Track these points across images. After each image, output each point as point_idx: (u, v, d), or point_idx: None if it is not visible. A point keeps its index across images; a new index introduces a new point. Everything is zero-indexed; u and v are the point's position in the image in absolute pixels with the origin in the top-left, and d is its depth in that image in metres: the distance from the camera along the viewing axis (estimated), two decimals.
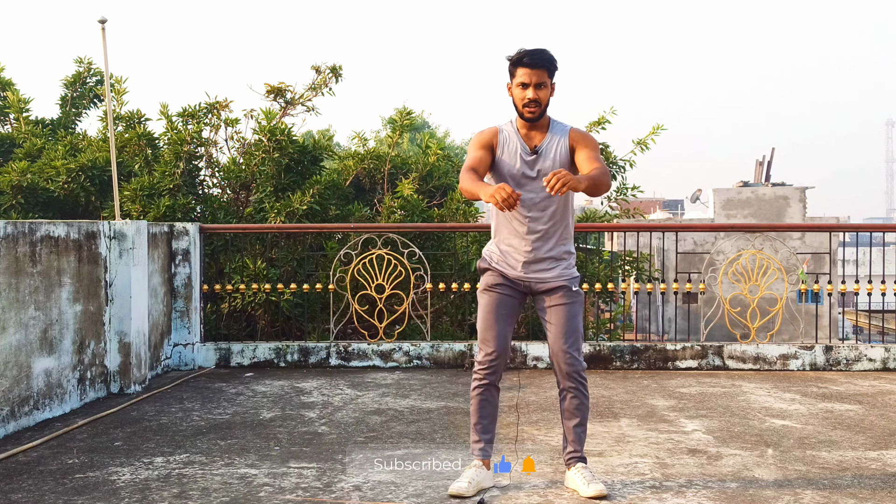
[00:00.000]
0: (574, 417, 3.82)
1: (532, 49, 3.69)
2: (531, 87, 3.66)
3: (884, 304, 17.83)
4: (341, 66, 9.79)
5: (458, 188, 3.77)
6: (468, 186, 3.58)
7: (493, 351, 3.77)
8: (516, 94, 3.72)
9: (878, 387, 6.42)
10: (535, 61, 3.65)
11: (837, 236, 18.00)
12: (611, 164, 9.93)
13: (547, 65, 3.67)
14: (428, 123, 35.35)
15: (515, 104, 3.75)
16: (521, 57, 3.67)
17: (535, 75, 3.65)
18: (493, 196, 3.37)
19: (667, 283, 8.04)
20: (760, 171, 26.04)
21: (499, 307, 3.82)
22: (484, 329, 3.81)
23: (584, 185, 3.44)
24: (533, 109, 3.69)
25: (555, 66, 3.70)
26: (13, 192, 9.05)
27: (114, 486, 3.91)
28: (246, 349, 7.36)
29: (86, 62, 11.07)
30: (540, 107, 3.69)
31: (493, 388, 3.83)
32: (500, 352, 3.78)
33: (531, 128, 3.77)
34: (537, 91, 3.67)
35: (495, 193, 3.36)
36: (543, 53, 3.68)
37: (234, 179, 9.15)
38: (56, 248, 5.40)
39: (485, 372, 3.79)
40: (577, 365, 3.76)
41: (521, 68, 3.66)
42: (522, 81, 3.67)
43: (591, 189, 3.50)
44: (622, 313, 9.64)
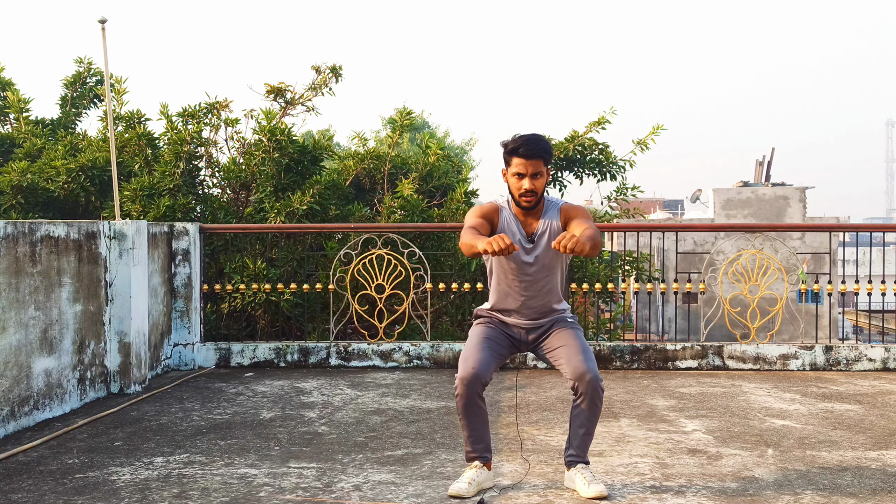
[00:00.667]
0: (584, 426, 3.78)
1: (527, 138, 3.72)
2: (527, 178, 3.72)
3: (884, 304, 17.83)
4: (341, 66, 9.80)
5: (459, 244, 3.79)
6: (468, 240, 3.62)
7: (471, 370, 3.65)
8: (512, 182, 3.77)
9: (878, 387, 6.42)
10: (531, 152, 3.69)
11: (837, 236, 18.01)
12: (611, 163, 9.93)
13: (543, 154, 3.72)
14: (428, 123, 35.34)
15: (511, 192, 3.81)
16: (516, 147, 3.71)
17: (531, 165, 3.70)
18: (490, 243, 3.41)
19: (667, 283, 8.04)
20: (760, 171, 26.05)
21: (488, 338, 3.84)
22: (467, 352, 3.76)
23: (588, 246, 3.47)
24: (529, 199, 3.75)
25: (550, 154, 3.76)
26: (13, 192, 9.05)
27: (114, 486, 3.91)
28: (246, 349, 7.36)
29: (86, 62, 11.07)
30: (536, 196, 3.75)
31: (476, 397, 3.71)
32: (480, 371, 3.66)
33: (527, 214, 3.84)
34: (533, 181, 3.72)
35: (492, 241, 3.41)
36: (539, 143, 3.71)
37: (234, 179, 9.15)
38: (56, 248, 5.40)
39: (463, 388, 3.67)
40: (599, 381, 3.71)
41: (517, 158, 3.71)
42: (518, 171, 3.72)
43: (592, 249, 3.55)
44: (622, 313, 9.64)
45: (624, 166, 10.02)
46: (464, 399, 3.69)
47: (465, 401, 3.69)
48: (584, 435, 3.80)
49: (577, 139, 9.81)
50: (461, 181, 9.92)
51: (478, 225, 3.75)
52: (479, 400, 3.72)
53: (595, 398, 3.70)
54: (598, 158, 9.89)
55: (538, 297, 3.85)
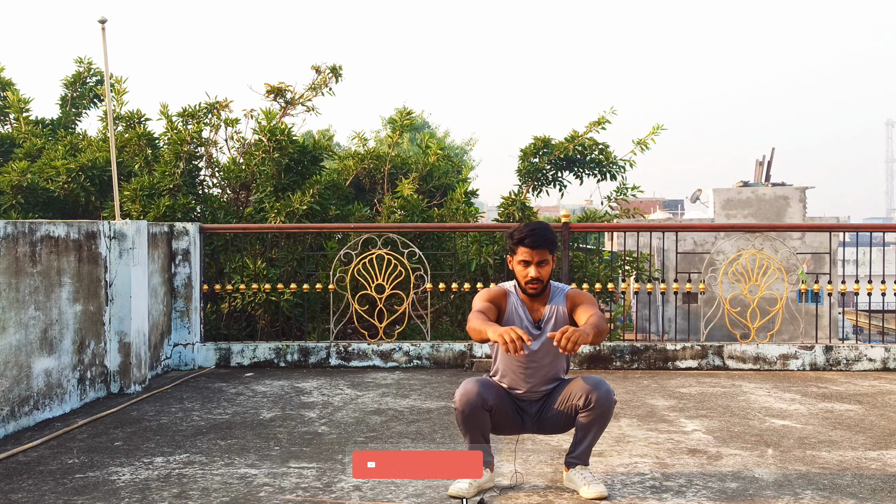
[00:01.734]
0: (591, 429, 3.80)
1: (533, 228, 3.77)
2: (533, 266, 3.77)
3: (884, 304, 17.82)
4: (341, 66, 9.81)
5: (467, 328, 3.80)
6: (477, 325, 3.63)
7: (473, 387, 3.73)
8: (518, 270, 3.83)
9: (878, 387, 6.42)
10: (537, 242, 3.75)
11: (837, 236, 18.00)
12: (611, 163, 9.93)
13: (548, 245, 3.77)
14: (428, 123, 35.33)
15: (518, 280, 3.86)
16: (522, 237, 3.76)
17: (538, 254, 3.76)
18: (501, 336, 3.42)
19: (667, 283, 8.04)
20: (760, 171, 26.04)
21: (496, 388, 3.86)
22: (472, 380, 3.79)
23: (591, 336, 3.50)
24: (535, 286, 3.80)
25: (555, 245, 3.83)
26: (13, 192, 9.05)
27: (114, 486, 3.91)
28: (246, 349, 7.35)
29: (86, 62, 11.07)
30: (542, 284, 3.81)
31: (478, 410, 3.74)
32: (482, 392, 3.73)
33: (534, 300, 3.88)
34: (539, 269, 3.78)
35: (504, 334, 3.41)
36: (545, 234, 3.77)
37: (234, 179, 9.15)
38: (56, 248, 5.40)
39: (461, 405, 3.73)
40: (612, 393, 3.78)
41: (523, 247, 3.77)
42: (524, 259, 3.78)
43: (596, 337, 3.57)
44: (622, 313, 9.64)
45: (624, 166, 10.02)
46: (464, 415, 3.74)
47: (466, 416, 3.74)
48: (589, 441, 3.83)
49: (577, 139, 9.81)
50: (461, 181, 9.93)
51: (486, 309, 3.78)
52: (482, 412, 3.74)
53: (607, 408, 3.74)
54: (598, 158, 9.89)
55: (543, 381, 3.90)
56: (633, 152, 10.05)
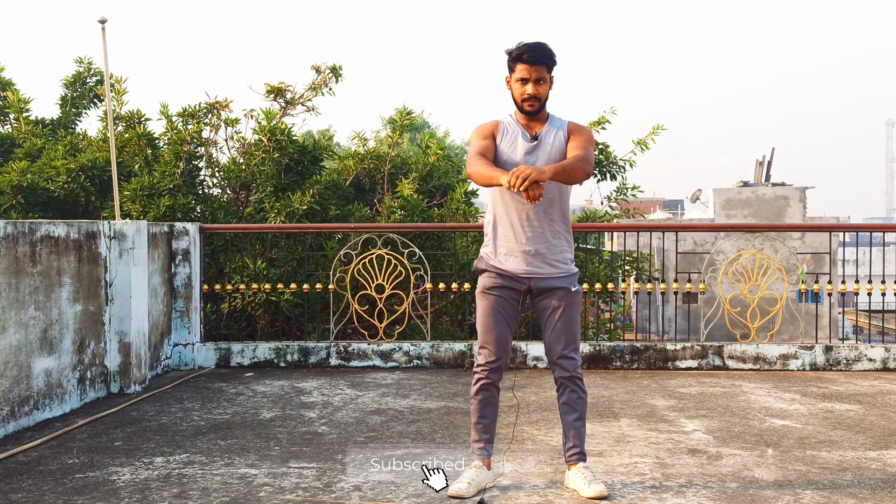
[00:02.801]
0: (573, 411, 3.82)
1: (531, 44, 3.70)
2: (531, 83, 3.70)
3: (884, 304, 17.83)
4: (341, 66, 9.80)
5: (468, 174, 3.74)
6: (483, 170, 3.57)
7: (493, 354, 3.79)
8: (516, 88, 3.76)
9: (878, 387, 6.42)
10: (535, 58, 3.67)
11: (837, 236, 18.00)
12: (611, 163, 9.92)
13: (546, 60, 3.69)
14: (428, 123, 35.34)
15: (515, 98, 3.78)
16: (520, 52, 3.69)
17: (535, 71, 3.69)
18: (510, 179, 3.36)
19: (667, 283, 8.04)
20: (760, 171, 26.04)
21: (498, 310, 3.81)
22: (484, 332, 3.81)
23: (549, 174, 3.44)
24: (532, 104, 3.73)
25: (554, 61, 3.72)
26: (13, 192, 9.05)
27: (114, 486, 3.91)
28: (246, 349, 7.35)
29: (86, 62, 11.06)
30: (539, 101, 3.73)
31: (494, 387, 3.84)
32: (501, 354, 3.79)
33: (530, 120, 3.81)
34: (537, 86, 3.70)
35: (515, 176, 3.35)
36: (543, 49, 3.69)
37: (234, 179, 9.15)
38: (56, 248, 5.40)
39: (485, 373, 3.81)
40: (574, 366, 3.80)
41: (521, 64, 3.69)
42: (522, 77, 3.71)
43: (563, 176, 3.53)
44: (622, 313, 9.64)
45: (624, 166, 10.02)
46: (481, 385, 3.80)
47: (484, 389, 3.80)
48: (575, 421, 3.82)
49: None
50: (461, 181, 9.92)
51: (484, 149, 3.71)
52: (496, 390, 3.82)
53: (574, 386, 3.80)
54: (598, 158, 9.88)
55: (541, 222, 3.76)
56: (633, 152, 10.05)
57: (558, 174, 3.51)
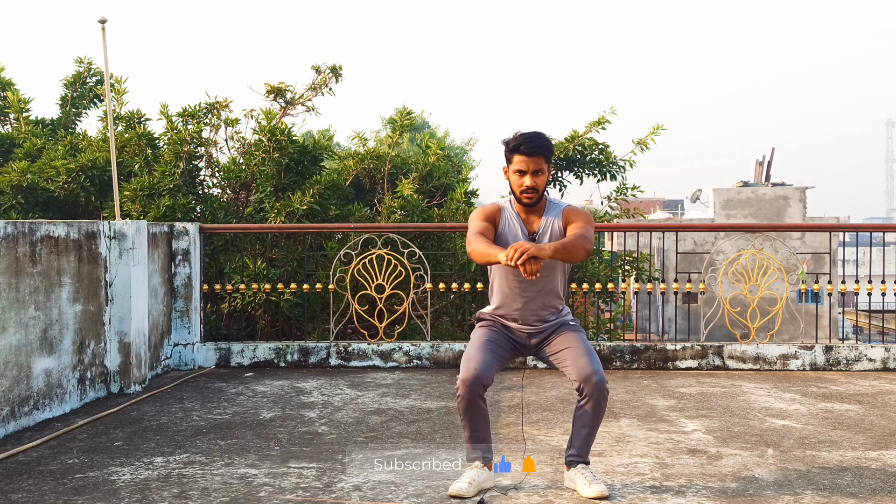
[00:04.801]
0: (587, 426, 3.77)
1: (528, 136, 3.74)
2: (528, 175, 3.74)
3: (884, 304, 17.83)
4: (341, 66, 9.80)
5: (467, 252, 3.77)
6: (482, 248, 3.61)
7: (473, 371, 3.64)
8: (513, 180, 3.79)
9: (878, 387, 6.42)
10: (532, 149, 3.71)
11: (837, 236, 18.00)
12: (611, 163, 9.93)
13: (544, 152, 3.73)
14: (428, 123, 35.33)
15: (513, 189, 3.82)
16: (517, 144, 3.72)
17: (533, 163, 3.72)
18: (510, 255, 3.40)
19: (667, 283, 8.04)
20: (760, 171, 26.05)
21: (490, 340, 3.83)
22: (469, 354, 3.75)
23: (548, 252, 3.49)
24: (530, 195, 3.77)
25: (551, 152, 3.78)
26: (13, 192, 9.05)
27: (114, 486, 3.91)
28: (246, 349, 7.35)
29: (86, 62, 11.06)
30: (537, 193, 3.77)
31: (478, 398, 3.70)
32: (482, 373, 3.65)
33: (529, 211, 3.85)
34: (534, 178, 3.74)
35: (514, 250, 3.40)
36: (540, 140, 3.73)
37: (234, 179, 9.15)
38: (56, 248, 5.40)
39: (465, 389, 3.66)
40: (604, 382, 3.69)
41: (518, 155, 3.73)
42: (519, 169, 3.74)
43: (563, 254, 3.57)
44: (622, 313, 9.64)
45: (624, 166, 10.01)
46: (465, 400, 3.68)
47: (467, 402, 3.69)
48: (586, 435, 3.80)
49: (577, 139, 9.81)
50: (461, 181, 9.92)
51: (484, 230, 3.76)
52: (481, 401, 3.72)
53: (600, 399, 3.70)
54: (598, 158, 9.89)
55: (539, 297, 3.84)
56: (633, 152, 10.05)
57: (558, 252, 3.54)
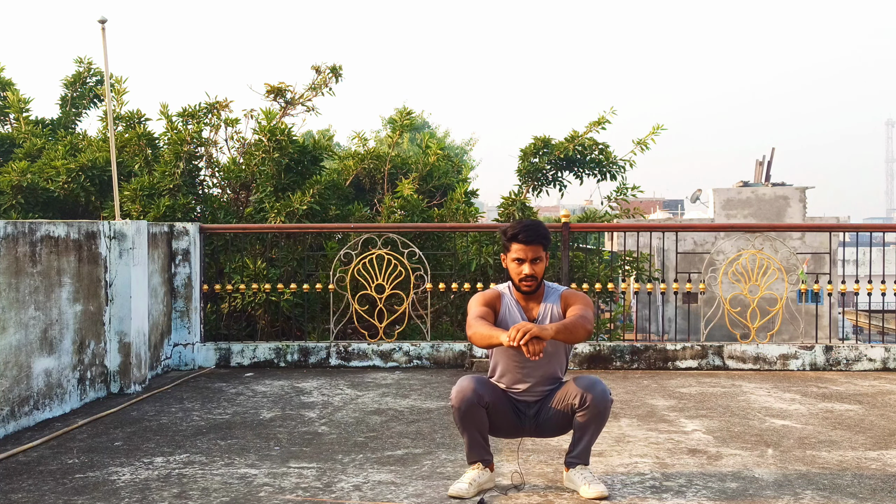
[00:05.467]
0: (589, 428, 3.79)
1: (526, 224, 3.80)
2: (527, 263, 3.78)
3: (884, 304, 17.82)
4: (341, 66, 9.80)
5: (468, 336, 3.79)
6: (484, 331, 3.64)
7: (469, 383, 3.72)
8: (512, 268, 3.83)
9: (878, 387, 6.42)
10: (530, 238, 3.76)
11: (837, 236, 18.01)
12: (611, 163, 9.93)
13: (542, 241, 3.79)
14: (428, 123, 35.33)
15: (512, 277, 3.86)
16: (516, 233, 3.77)
17: (531, 251, 3.77)
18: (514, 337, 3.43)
19: (667, 283, 8.04)
20: (760, 171, 26.05)
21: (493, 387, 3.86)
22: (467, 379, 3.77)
23: (550, 333, 3.52)
24: (529, 284, 3.81)
25: (549, 240, 3.84)
26: (13, 192, 9.05)
27: (114, 486, 3.91)
28: (246, 349, 7.35)
29: (86, 62, 11.07)
30: (536, 281, 3.81)
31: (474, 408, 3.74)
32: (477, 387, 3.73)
33: (528, 299, 3.89)
34: (533, 266, 3.79)
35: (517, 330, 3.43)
36: (538, 230, 3.78)
37: (234, 179, 9.15)
38: (56, 248, 5.40)
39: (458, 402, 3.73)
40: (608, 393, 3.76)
41: (517, 244, 3.78)
42: (518, 257, 3.79)
43: (565, 335, 3.60)
44: (622, 313, 9.64)
45: (624, 166, 10.01)
46: (461, 412, 3.73)
47: (463, 413, 3.73)
48: (588, 440, 3.82)
49: (577, 139, 9.81)
50: (461, 181, 9.93)
51: (484, 314, 3.79)
52: (477, 409, 3.73)
53: (603, 407, 3.73)
54: (598, 158, 9.88)
55: (541, 380, 3.89)
56: (633, 152, 10.05)
57: (560, 332, 3.58)
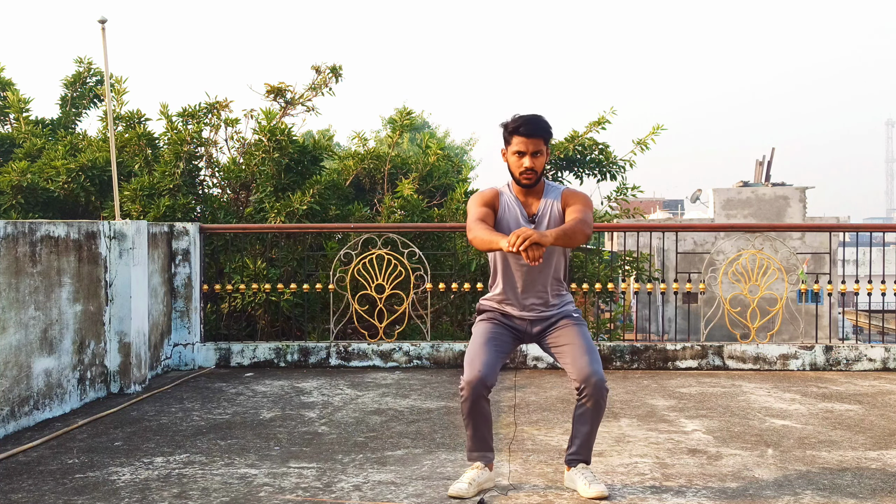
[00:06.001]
0: (587, 425, 3.77)
1: (527, 117, 3.75)
2: (528, 156, 3.74)
3: (884, 304, 17.83)
4: (341, 66, 9.80)
5: (468, 239, 3.77)
6: (484, 235, 3.61)
7: (477, 374, 3.65)
8: (512, 161, 3.79)
9: (878, 387, 6.42)
10: (532, 131, 3.71)
11: (837, 236, 18.01)
12: (611, 163, 9.93)
13: (543, 133, 3.74)
14: (428, 123, 35.35)
15: (512, 171, 3.82)
16: (517, 126, 3.73)
17: (532, 144, 3.73)
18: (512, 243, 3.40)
19: (667, 283, 8.04)
20: (760, 171, 26.07)
21: (493, 337, 3.83)
22: (473, 355, 3.74)
23: (550, 239, 3.50)
24: (529, 177, 3.77)
25: (550, 133, 3.78)
26: (13, 192, 9.05)
27: (114, 486, 3.91)
28: (246, 349, 7.35)
29: (86, 62, 11.07)
30: (536, 174, 3.77)
31: (483, 400, 3.72)
32: (486, 374, 3.66)
33: (527, 193, 3.85)
34: (533, 159, 3.74)
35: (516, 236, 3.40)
36: (539, 122, 3.74)
37: (234, 179, 9.15)
38: (56, 248, 5.40)
39: (469, 391, 3.67)
40: (604, 382, 3.70)
41: (517, 137, 3.73)
42: (518, 150, 3.74)
43: (562, 240, 3.57)
44: (622, 313, 9.64)
45: (624, 166, 10.02)
46: (469, 402, 3.69)
47: (471, 404, 3.70)
48: (587, 434, 3.80)
49: (577, 139, 9.81)
50: (461, 181, 9.93)
51: (484, 216, 3.75)
52: (485, 402, 3.73)
53: (600, 399, 3.70)
54: (598, 158, 9.89)
55: (539, 280, 3.83)
56: (633, 152, 10.05)
57: (559, 238, 3.55)
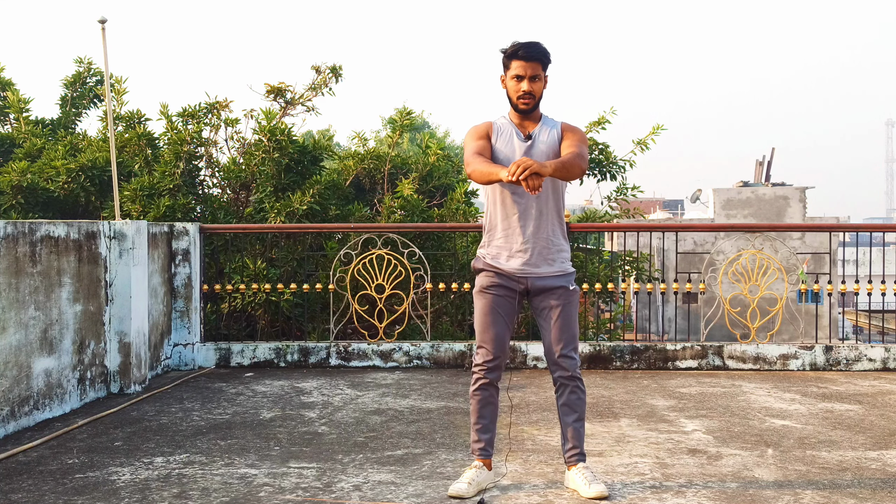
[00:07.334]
0: (572, 412, 3.83)
1: (526, 42, 3.74)
2: (526, 80, 3.73)
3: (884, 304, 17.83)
4: (341, 66, 9.80)
5: (467, 174, 3.77)
6: (482, 168, 3.60)
7: (491, 353, 3.80)
8: (510, 86, 3.78)
9: (878, 387, 6.42)
10: (530, 54, 3.70)
11: (837, 236, 18.01)
12: (611, 163, 9.93)
13: (541, 57, 3.73)
14: (428, 123, 35.34)
15: (510, 96, 3.81)
16: (515, 50, 3.72)
17: (530, 68, 3.72)
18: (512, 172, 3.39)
19: (667, 283, 8.04)
20: (760, 171, 26.06)
21: (495, 309, 3.82)
22: (482, 331, 3.82)
23: (549, 169, 3.49)
24: (527, 101, 3.76)
25: (548, 58, 3.77)
26: (13, 192, 9.05)
27: (114, 486, 3.91)
28: (246, 349, 7.35)
29: (86, 62, 11.06)
30: (534, 99, 3.76)
31: (493, 387, 3.84)
32: (499, 353, 3.80)
33: (524, 118, 3.83)
34: (531, 84, 3.73)
35: (516, 166, 3.39)
36: (538, 46, 3.73)
37: (234, 179, 9.15)
38: (56, 248, 5.40)
39: (483, 372, 3.81)
40: (573, 366, 3.81)
41: (516, 61, 3.72)
42: (517, 74, 3.74)
43: (561, 172, 3.57)
44: (622, 313, 9.64)
45: (624, 166, 10.02)
46: (479, 384, 3.80)
47: (482, 388, 3.80)
48: (575, 422, 3.83)
49: None
50: (461, 181, 9.92)
51: (481, 148, 3.75)
52: (495, 389, 3.81)
53: (574, 386, 3.80)
54: (598, 158, 9.89)
55: (540, 220, 3.79)
56: (633, 152, 10.05)
57: (558, 170, 3.55)
